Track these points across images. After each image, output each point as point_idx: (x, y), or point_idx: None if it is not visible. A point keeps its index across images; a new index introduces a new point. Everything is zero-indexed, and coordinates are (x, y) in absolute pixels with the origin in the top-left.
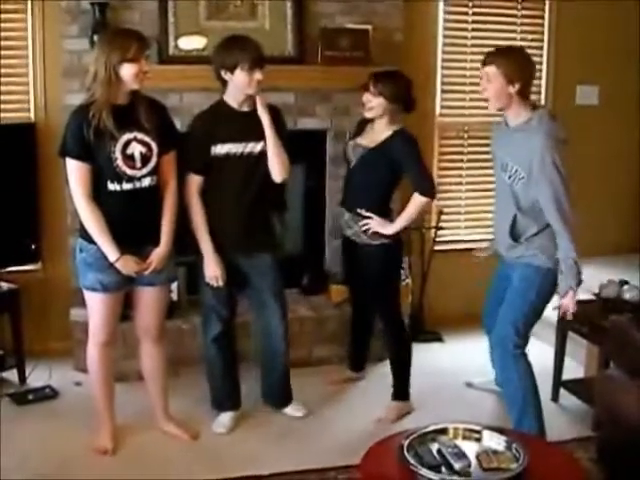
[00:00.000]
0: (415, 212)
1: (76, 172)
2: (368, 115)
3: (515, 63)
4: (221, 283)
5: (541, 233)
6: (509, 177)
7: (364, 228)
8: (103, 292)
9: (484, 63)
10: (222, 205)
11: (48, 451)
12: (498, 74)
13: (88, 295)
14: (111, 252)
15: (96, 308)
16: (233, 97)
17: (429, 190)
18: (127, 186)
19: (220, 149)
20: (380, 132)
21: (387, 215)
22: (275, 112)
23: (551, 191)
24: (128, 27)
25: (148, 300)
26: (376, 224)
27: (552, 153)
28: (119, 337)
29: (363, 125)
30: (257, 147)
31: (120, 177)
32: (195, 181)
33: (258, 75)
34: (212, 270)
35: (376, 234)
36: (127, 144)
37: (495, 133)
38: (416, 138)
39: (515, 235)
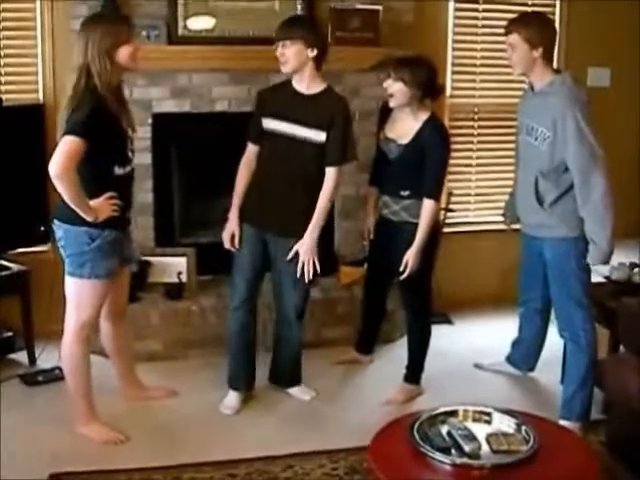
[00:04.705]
0: (431, 219)
1: (76, 150)
2: (392, 104)
3: (536, 28)
4: (230, 247)
5: (561, 200)
6: (535, 139)
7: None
8: (109, 278)
9: (506, 32)
10: (260, 179)
11: (58, 432)
12: (520, 41)
13: (94, 284)
14: (90, 212)
15: (98, 297)
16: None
17: (436, 194)
18: (128, 168)
19: (268, 123)
20: (408, 123)
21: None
22: (340, 103)
23: (573, 150)
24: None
25: (124, 279)
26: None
27: (574, 112)
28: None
29: (385, 112)
30: (304, 132)
31: (128, 159)
32: (248, 149)
33: (279, 50)
34: (226, 232)
35: (415, 212)
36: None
37: (521, 101)
38: (446, 129)
39: (539, 198)
